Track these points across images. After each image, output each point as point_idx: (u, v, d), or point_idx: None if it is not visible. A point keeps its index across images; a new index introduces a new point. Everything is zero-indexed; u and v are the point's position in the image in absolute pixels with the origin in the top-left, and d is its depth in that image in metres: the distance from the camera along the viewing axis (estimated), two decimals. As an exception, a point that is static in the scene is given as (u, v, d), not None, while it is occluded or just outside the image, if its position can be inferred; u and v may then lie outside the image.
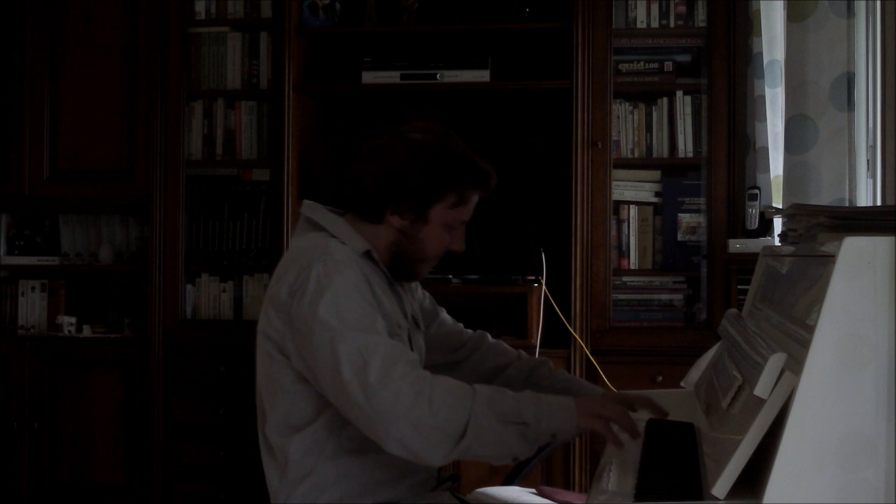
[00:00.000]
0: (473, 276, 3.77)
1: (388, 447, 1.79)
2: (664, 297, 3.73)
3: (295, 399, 1.90)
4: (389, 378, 1.77)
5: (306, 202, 2.07)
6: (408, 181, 1.96)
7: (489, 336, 2.37)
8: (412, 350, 2.02)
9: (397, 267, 2.05)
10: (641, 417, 2.05)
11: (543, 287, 3.61)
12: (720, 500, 1.39)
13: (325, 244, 1.94)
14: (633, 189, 3.75)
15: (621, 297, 3.71)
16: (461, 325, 2.37)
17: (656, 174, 3.76)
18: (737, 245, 3.47)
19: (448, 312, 2.37)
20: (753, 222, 3.47)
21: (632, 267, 3.73)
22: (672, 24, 3.71)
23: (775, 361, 1.40)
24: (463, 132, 3.97)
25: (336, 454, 1.90)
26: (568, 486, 3.57)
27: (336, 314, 1.82)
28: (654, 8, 3.71)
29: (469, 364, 2.32)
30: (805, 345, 1.36)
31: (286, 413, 1.91)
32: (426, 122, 2.05)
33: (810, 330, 1.35)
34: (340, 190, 2.06)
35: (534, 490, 2.66)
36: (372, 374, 1.77)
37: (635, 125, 3.74)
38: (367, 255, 1.99)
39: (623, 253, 3.73)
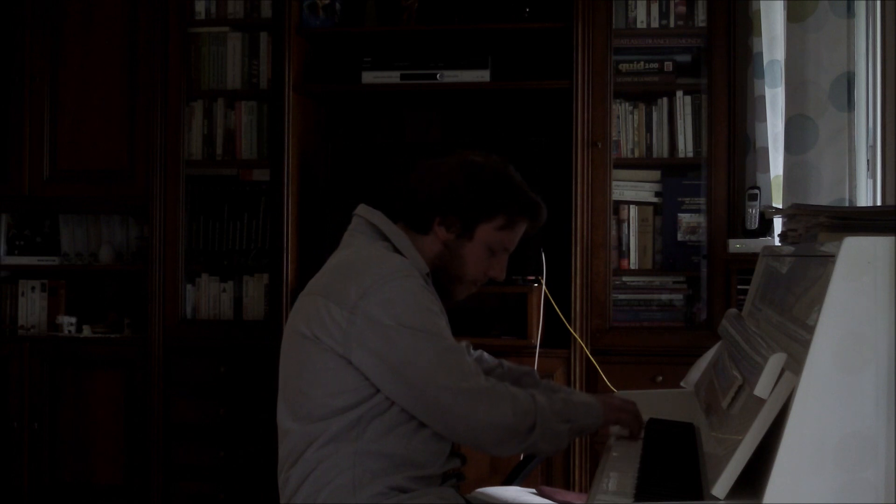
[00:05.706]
0: (473, 276, 3.76)
1: (462, 441, 1.98)
2: (664, 297, 3.72)
3: (334, 391, 1.95)
4: (475, 382, 1.92)
5: (365, 207, 2.13)
6: (460, 195, 2.06)
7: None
8: None
9: (435, 284, 2.10)
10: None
11: (543, 287, 3.61)
12: (720, 500, 1.39)
13: (398, 259, 2.01)
14: (633, 189, 3.75)
15: (621, 297, 3.71)
16: None
17: (656, 174, 3.76)
18: (737, 245, 3.47)
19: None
20: (753, 222, 3.47)
21: (632, 267, 3.73)
22: (672, 24, 3.71)
23: (775, 361, 1.40)
24: (463, 132, 4.04)
25: (357, 441, 1.95)
26: (568, 486, 3.57)
27: (422, 321, 1.93)
28: (654, 8, 3.71)
29: None
30: (805, 345, 1.36)
31: (320, 404, 1.96)
32: (486, 152, 2.16)
33: (810, 330, 1.35)
34: (395, 199, 2.13)
35: (534, 490, 2.66)
36: (459, 378, 1.91)
37: (635, 125, 3.74)
38: (426, 276, 2.06)
39: (623, 253, 3.73)
